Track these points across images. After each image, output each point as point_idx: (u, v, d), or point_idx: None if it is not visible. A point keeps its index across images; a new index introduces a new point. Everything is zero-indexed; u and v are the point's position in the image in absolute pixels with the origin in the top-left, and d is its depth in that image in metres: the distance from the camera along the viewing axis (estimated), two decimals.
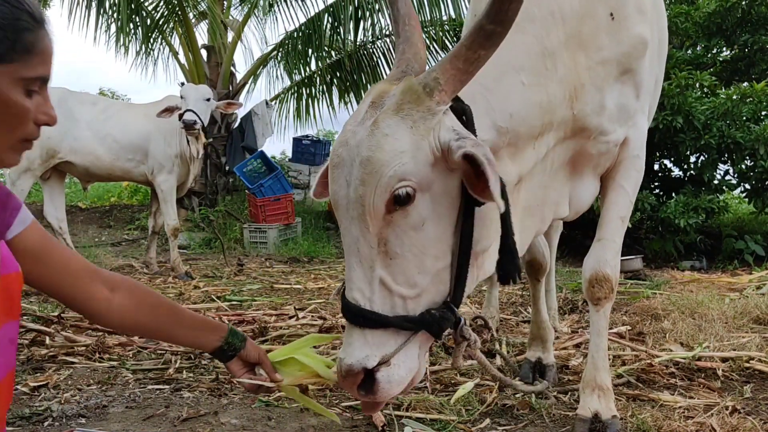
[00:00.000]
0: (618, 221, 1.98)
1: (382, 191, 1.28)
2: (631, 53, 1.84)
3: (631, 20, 1.83)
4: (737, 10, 7.53)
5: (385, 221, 1.31)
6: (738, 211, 9.27)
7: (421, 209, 1.32)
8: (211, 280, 5.44)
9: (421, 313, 1.35)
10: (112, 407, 2.11)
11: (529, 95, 1.56)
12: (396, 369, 1.34)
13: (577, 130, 1.79)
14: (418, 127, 1.30)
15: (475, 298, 4.38)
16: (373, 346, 1.33)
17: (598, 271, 1.95)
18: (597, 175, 2.00)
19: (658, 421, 1.97)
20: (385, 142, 1.28)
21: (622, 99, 1.87)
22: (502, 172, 1.43)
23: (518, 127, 1.54)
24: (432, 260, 1.35)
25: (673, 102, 6.51)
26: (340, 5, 9.46)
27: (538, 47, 1.61)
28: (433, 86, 1.32)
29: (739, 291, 4.52)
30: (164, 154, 5.70)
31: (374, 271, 1.33)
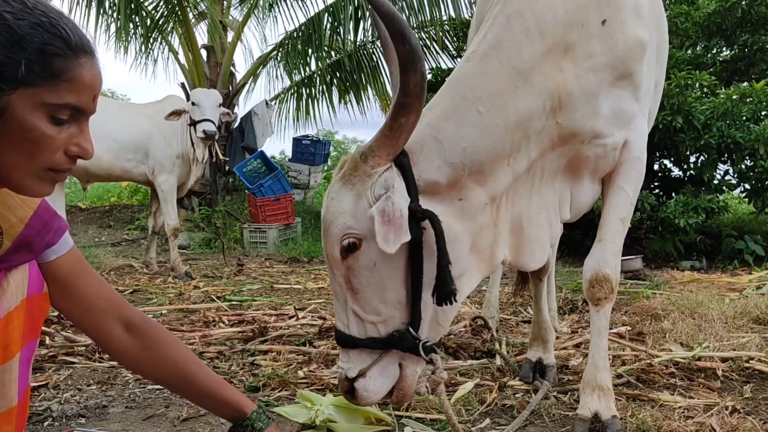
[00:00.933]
0: (618, 223, 1.99)
1: (334, 243, 1.62)
2: (628, 57, 1.86)
3: (627, 24, 1.86)
4: (737, 10, 7.53)
5: (345, 265, 1.63)
6: (738, 211, 9.27)
7: (370, 253, 1.60)
8: (211, 280, 5.44)
9: (388, 335, 1.64)
10: (112, 407, 2.11)
11: (487, 122, 1.69)
12: (371, 380, 1.64)
13: (567, 137, 1.86)
14: (357, 189, 1.61)
15: (475, 298, 4.38)
16: (354, 361, 1.66)
17: (599, 271, 1.96)
18: (597, 177, 2.02)
19: (658, 421, 1.97)
20: (332, 205, 1.63)
21: (619, 103, 1.90)
22: (469, 198, 1.70)
23: (476, 156, 1.69)
24: (390, 293, 1.63)
25: (673, 102, 6.51)
26: (340, 5, 9.45)
27: (504, 70, 1.73)
28: (368, 154, 1.61)
29: (739, 291, 4.52)
30: (165, 154, 5.69)
31: (347, 304, 1.66)
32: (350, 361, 1.66)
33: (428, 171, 1.66)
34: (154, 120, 5.72)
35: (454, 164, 1.67)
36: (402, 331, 1.64)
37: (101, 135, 5.52)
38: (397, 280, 1.63)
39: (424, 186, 1.65)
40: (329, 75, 10.84)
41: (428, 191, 1.66)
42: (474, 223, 1.73)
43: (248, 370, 2.56)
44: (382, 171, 1.60)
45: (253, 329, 3.18)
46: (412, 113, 1.56)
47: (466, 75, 1.77)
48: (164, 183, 5.70)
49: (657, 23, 2.22)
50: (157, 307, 3.94)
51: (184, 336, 3.12)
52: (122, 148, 5.62)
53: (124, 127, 5.66)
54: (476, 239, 1.74)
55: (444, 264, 1.59)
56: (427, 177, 1.65)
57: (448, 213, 1.67)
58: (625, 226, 2.01)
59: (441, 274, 1.59)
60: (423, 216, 1.58)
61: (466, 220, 1.71)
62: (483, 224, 1.74)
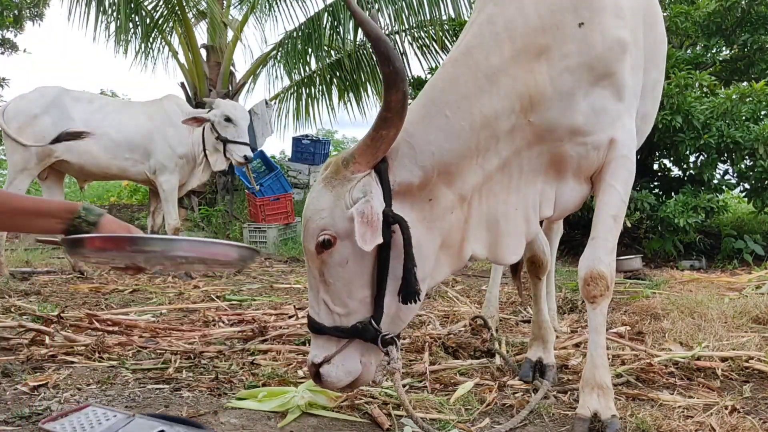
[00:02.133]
0: (610, 220, 2.00)
1: (311, 238, 1.79)
2: (607, 57, 1.91)
3: (606, 26, 1.91)
4: (737, 9, 7.53)
5: (319, 260, 1.80)
6: (737, 211, 9.27)
7: (342, 251, 1.77)
8: (210, 280, 5.44)
9: (352, 326, 1.80)
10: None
11: (453, 125, 1.82)
12: (334, 367, 1.81)
13: (543, 135, 1.94)
14: (336, 191, 1.76)
15: (475, 298, 4.39)
16: (321, 348, 1.83)
17: (593, 269, 1.97)
18: (584, 176, 2.06)
19: (658, 420, 1.97)
20: (312, 203, 1.80)
21: (601, 102, 1.94)
22: (438, 198, 1.83)
23: (443, 158, 1.82)
24: (357, 288, 1.79)
25: (673, 101, 6.52)
26: (339, 5, 9.45)
27: (471, 74, 1.84)
28: (349, 160, 1.77)
29: (739, 290, 4.52)
30: (166, 154, 5.68)
31: (319, 294, 1.83)
32: (318, 348, 1.84)
33: (402, 174, 1.80)
34: (154, 119, 5.71)
35: (425, 167, 1.80)
36: (365, 323, 1.79)
37: (98, 133, 5.50)
38: (365, 277, 1.79)
39: (398, 188, 1.79)
40: (329, 74, 10.84)
41: (401, 192, 1.80)
42: (443, 222, 1.85)
43: (248, 369, 2.56)
44: (362, 177, 1.76)
45: (252, 329, 3.18)
46: (393, 127, 1.71)
47: (437, 81, 1.90)
48: (165, 183, 5.70)
49: (651, 24, 2.24)
50: (156, 307, 3.94)
51: (183, 335, 3.12)
52: (119, 147, 5.59)
53: (122, 126, 5.63)
54: (446, 237, 1.87)
55: (409, 267, 1.73)
56: (401, 180, 1.79)
57: (418, 215, 1.82)
58: (618, 224, 2.02)
59: (407, 276, 1.74)
60: (394, 221, 1.72)
61: (435, 220, 1.84)
62: (453, 222, 1.87)
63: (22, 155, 5.33)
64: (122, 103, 6.41)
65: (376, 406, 2.10)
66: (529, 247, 2.59)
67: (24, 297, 4.25)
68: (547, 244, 2.63)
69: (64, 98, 5.53)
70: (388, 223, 1.72)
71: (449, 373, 2.53)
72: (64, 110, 5.47)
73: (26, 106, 5.43)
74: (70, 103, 5.53)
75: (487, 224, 1.94)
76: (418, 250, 1.77)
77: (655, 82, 2.42)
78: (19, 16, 14.39)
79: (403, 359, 2.72)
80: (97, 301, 4.17)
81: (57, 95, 5.51)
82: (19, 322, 3.19)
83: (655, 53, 2.35)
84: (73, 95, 5.63)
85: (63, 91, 5.61)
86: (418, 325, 3.44)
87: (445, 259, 1.90)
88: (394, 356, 1.82)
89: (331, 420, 2.03)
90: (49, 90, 5.59)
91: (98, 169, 5.62)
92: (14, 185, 5.36)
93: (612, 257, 1.99)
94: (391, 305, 1.80)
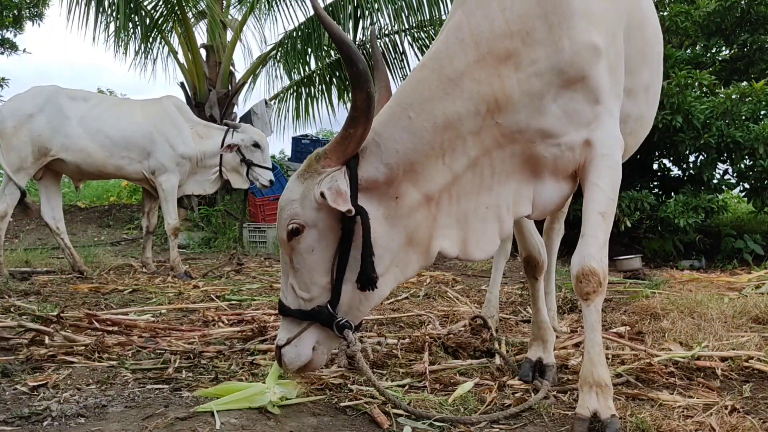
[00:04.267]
0: (597, 217, 2.01)
1: (282, 226, 1.96)
2: (577, 62, 1.95)
3: (576, 30, 1.95)
4: (737, 9, 7.53)
5: (290, 246, 1.97)
6: (737, 211, 9.27)
7: (309, 239, 1.94)
8: (210, 280, 5.44)
9: (312, 309, 1.97)
10: (112, 407, 2.10)
11: (416, 126, 1.92)
12: (293, 348, 1.99)
13: (513, 137, 1.99)
14: (307, 184, 1.92)
15: (475, 298, 4.39)
16: (286, 330, 2.01)
17: (584, 266, 1.97)
18: (562, 176, 2.09)
19: (657, 420, 1.97)
20: (285, 194, 1.96)
21: (572, 104, 1.98)
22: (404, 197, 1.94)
23: (407, 157, 1.92)
24: (319, 275, 1.96)
25: (673, 101, 6.51)
26: (339, 4, 9.45)
27: (435, 77, 1.94)
28: (321, 155, 1.93)
29: (738, 290, 4.52)
30: (167, 153, 5.66)
31: (288, 278, 2.01)
32: (284, 330, 2.01)
33: (369, 171, 1.92)
34: (154, 119, 5.69)
35: (390, 164, 1.92)
36: (322, 307, 1.96)
37: (94, 131, 5.47)
38: (327, 265, 1.95)
39: (365, 184, 1.91)
40: (328, 74, 10.84)
41: (369, 189, 1.92)
42: (409, 220, 1.95)
43: (248, 369, 2.56)
44: (331, 171, 1.89)
45: (252, 329, 3.18)
46: (360, 126, 1.85)
47: (406, 84, 2.02)
48: (165, 182, 5.68)
49: (638, 26, 2.27)
50: (156, 307, 3.94)
51: (183, 335, 3.12)
52: (116, 145, 5.55)
53: (118, 124, 5.59)
54: (412, 234, 1.97)
55: (367, 255, 1.87)
56: (368, 176, 1.92)
57: (384, 211, 1.93)
58: (607, 220, 2.03)
59: (364, 264, 1.88)
60: (356, 212, 1.85)
61: (401, 218, 1.94)
62: (419, 220, 1.96)
63: (18, 154, 5.31)
64: (119, 101, 6.38)
65: (376, 406, 2.10)
66: (524, 247, 2.61)
67: (24, 297, 4.25)
68: (542, 244, 2.64)
69: (59, 97, 5.49)
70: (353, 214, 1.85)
71: (449, 373, 2.53)
72: (60, 109, 5.44)
73: (21, 106, 5.41)
74: (66, 102, 5.49)
75: (458, 222, 2.00)
76: (380, 243, 1.91)
77: (648, 83, 2.43)
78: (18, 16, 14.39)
79: (403, 359, 2.72)
80: (96, 301, 4.17)
81: (52, 94, 5.48)
82: (18, 322, 3.19)
83: (645, 54, 2.36)
84: (69, 94, 5.60)
85: (58, 90, 5.57)
86: (418, 325, 3.44)
87: (414, 256, 2.00)
88: (351, 340, 1.96)
89: (331, 420, 2.03)
90: (44, 89, 5.56)
91: (94, 168, 5.58)
92: (11, 185, 5.33)
93: (603, 253, 1.99)
94: (349, 293, 1.95)
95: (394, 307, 4.07)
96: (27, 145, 5.32)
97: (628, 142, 2.34)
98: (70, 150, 5.43)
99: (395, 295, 4.50)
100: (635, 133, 2.48)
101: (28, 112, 5.37)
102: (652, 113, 2.61)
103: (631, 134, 2.41)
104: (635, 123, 2.42)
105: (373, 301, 2.02)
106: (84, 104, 5.58)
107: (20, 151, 5.31)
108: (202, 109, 10.12)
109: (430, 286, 4.95)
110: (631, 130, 2.40)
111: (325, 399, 2.22)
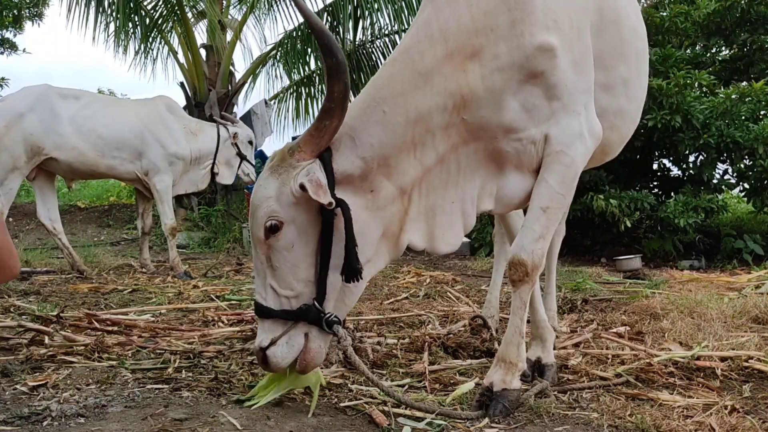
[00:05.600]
0: (538, 211, 2.10)
1: (259, 224, 1.92)
2: (535, 57, 2.01)
3: (536, 27, 2.00)
4: (736, 9, 7.54)
5: (267, 245, 1.92)
6: (737, 211, 9.27)
7: (288, 236, 1.91)
8: (210, 280, 5.44)
9: (297, 308, 1.94)
10: (111, 407, 2.10)
11: (390, 119, 1.94)
12: (279, 347, 1.94)
13: (477, 132, 2.05)
14: (282, 178, 1.89)
15: (475, 298, 4.39)
16: (268, 331, 1.96)
17: (515, 256, 2.10)
18: (528, 170, 2.15)
19: (657, 420, 1.97)
20: (259, 191, 1.92)
21: (531, 100, 2.04)
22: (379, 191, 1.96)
23: (381, 150, 1.94)
24: (302, 271, 1.93)
25: (672, 101, 6.51)
26: (339, 4, 9.44)
27: (407, 72, 1.97)
28: (295, 149, 1.91)
29: (738, 290, 4.52)
30: (159, 153, 5.64)
31: (266, 279, 1.95)
32: (265, 332, 1.96)
33: (344, 165, 1.93)
34: (146, 119, 5.66)
35: (365, 158, 1.93)
36: (309, 305, 1.93)
37: (86, 130, 5.43)
38: (309, 260, 1.93)
39: (341, 178, 1.91)
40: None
41: (344, 182, 1.92)
42: (385, 212, 1.99)
43: (247, 369, 2.56)
44: (306, 164, 1.88)
45: (252, 328, 3.18)
46: (335, 117, 1.85)
47: (377, 79, 2.03)
48: (159, 183, 5.66)
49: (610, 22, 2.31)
50: (156, 307, 3.93)
51: (183, 335, 3.12)
52: (108, 145, 5.51)
53: (111, 123, 5.55)
54: (387, 226, 2.00)
55: (351, 246, 1.87)
56: (343, 170, 1.92)
57: (360, 203, 1.94)
58: (549, 215, 2.10)
59: (348, 255, 1.87)
60: (336, 204, 1.84)
61: (377, 210, 1.97)
62: (393, 213, 2.00)
63: (10, 154, 5.25)
64: (112, 100, 6.35)
65: (375, 406, 2.10)
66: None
67: (23, 297, 4.24)
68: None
69: (50, 96, 5.43)
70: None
71: (449, 373, 2.53)
72: (50, 108, 5.37)
73: (12, 105, 5.35)
74: (57, 101, 5.43)
75: (426, 216, 2.06)
76: (362, 234, 1.91)
77: (626, 78, 2.46)
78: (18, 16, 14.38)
79: (403, 359, 2.72)
80: (96, 301, 4.17)
81: (43, 93, 5.42)
82: (18, 321, 3.18)
83: (621, 50, 2.39)
84: (60, 92, 5.53)
85: (49, 89, 5.51)
86: (418, 325, 3.44)
87: (385, 248, 2.04)
88: (341, 334, 1.96)
89: (331, 420, 2.03)
90: (35, 88, 5.51)
91: (86, 167, 5.54)
92: (6, 185, 5.29)
93: (537, 246, 2.09)
94: (334, 287, 1.95)
95: (394, 307, 4.07)
96: (19, 145, 5.26)
97: (609, 136, 2.43)
98: (62, 149, 5.38)
99: (395, 295, 4.50)
100: (617, 127, 2.52)
101: (19, 111, 5.31)
102: (633, 108, 2.62)
103: (612, 129, 2.46)
104: (615, 117, 2.46)
105: (357, 293, 2.04)
106: (75, 103, 5.52)
107: (12, 150, 5.25)
108: (201, 109, 10.11)
109: (430, 286, 4.95)
110: (611, 125, 2.44)
111: (325, 399, 2.22)
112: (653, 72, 7.04)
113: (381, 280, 5.40)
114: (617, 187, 6.78)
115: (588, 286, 4.85)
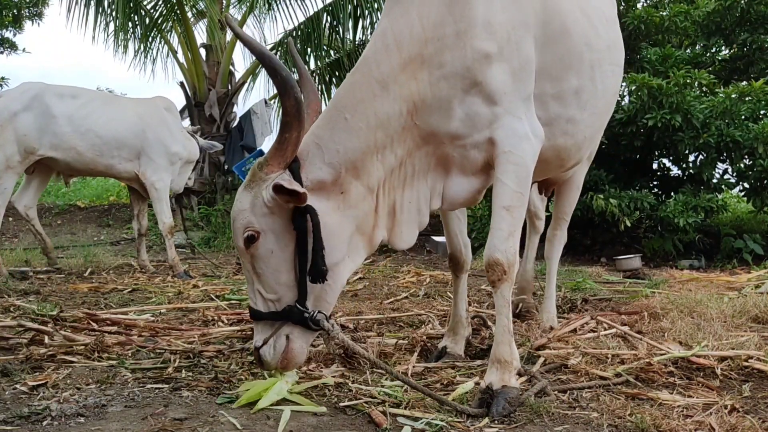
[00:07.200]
0: (502, 211, 2.19)
1: (238, 236, 2.06)
2: (474, 67, 2.13)
3: (476, 39, 2.13)
4: (736, 9, 7.54)
5: (249, 254, 2.07)
6: (737, 210, 9.27)
7: (266, 244, 2.04)
8: (210, 279, 5.44)
9: (283, 309, 2.07)
10: (111, 406, 2.10)
11: (353, 126, 2.07)
12: (269, 347, 2.08)
13: (428, 138, 2.19)
14: (254, 191, 2.03)
15: (475, 297, 4.39)
16: (260, 333, 2.11)
17: (489, 257, 2.18)
18: (471, 172, 2.26)
19: (657, 420, 1.97)
20: (235, 205, 2.06)
21: (473, 107, 2.16)
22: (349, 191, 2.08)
23: (348, 155, 2.06)
24: (283, 275, 2.06)
25: (672, 101, 6.51)
26: (339, 4, 9.45)
27: (366, 81, 2.10)
28: (263, 163, 2.03)
29: (738, 290, 4.52)
30: (160, 152, 5.63)
31: (254, 285, 2.11)
32: (259, 333, 2.11)
33: (313, 172, 2.05)
34: (147, 119, 5.65)
35: (333, 164, 2.06)
36: (292, 306, 2.05)
37: (84, 129, 5.38)
38: (288, 265, 2.06)
39: (311, 185, 2.03)
40: (328, 74, 10.83)
41: (316, 189, 2.04)
42: (357, 210, 2.11)
43: (247, 369, 2.56)
44: (275, 176, 1.99)
45: (252, 328, 3.18)
46: (294, 130, 1.97)
47: (340, 89, 2.18)
48: (158, 182, 5.65)
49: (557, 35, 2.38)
50: (156, 306, 3.93)
51: (183, 335, 3.12)
52: (106, 144, 5.48)
53: (110, 122, 5.51)
54: (360, 223, 2.13)
55: (317, 249, 1.99)
56: (314, 177, 2.05)
57: (332, 206, 2.06)
58: (513, 213, 2.18)
59: (314, 258, 1.99)
60: (306, 211, 1.97)
61: (349, 209, 2.09)
62: (365, 210, 2.12)
63: (4, 153, 5.20)
64: (109, 98, 6.24)
65: (374, 406, 2.10)
66: (449, 247, 2.81)
67: (23, 296, 4.25)
68: (466, 245, 2.80)
69: (45, 94, 5.36)
70: (302, 212, 1.97)
71: (448, 373, 2.53)
72: (46, 107, 5.31)
73: (6, 104, 5.28)
74: (52, 99, 5.36)
75: (389, 215, 2.20)
76: (334, 234, 2.05)
77: (577, 89, 2.52)
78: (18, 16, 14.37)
79: (403, 359, 2.72)
80: (96, 301, 4.17)
81: (38, 91, 5.35)
82: (18, 321, 3.18)
83: (569, 62, 2.46)
84: (56, 91, 5.45)
85: (45, 87, 5.43)
86: (418, 325, 3.44)
87: (361, 244, 2.16)
88: (327, 327, 2.08)
89: (331, 419, 2.03)
90: (31, 86, 5.44)
91: (84, 166, 5.52)
92: (1, 185, 5.26)
93: (508, 244, 2.16)
94: (313, 287, 2.06)
95: (394, 306, 4.07)
96: (12, 144, 5.20)
97: (564, 142, 2.57)
98: (59, 149, 5.33)
99: (395, 295, 4.51)
100: (572, 134, 2.60)
101: (13, 110, 5.24)
102: (586, 116, 2.65)
103: (566, 135, 2.57)
104: (567, 124, 2.55)
105: (336, 290, 2.15)
106: (72, 102, 5.45)
107: (5, 150, 5.19)
108: (201, 109, 10.12)
109: (430, 286, 4.95)
110: (564, 131, 2.55)
111: (325, 399, 2.22)
112: (653, 72, 7.04)
113: (381, 279, 5.40)
114: (617, 187, 6.78)
115: (588, 285, 4.85)
